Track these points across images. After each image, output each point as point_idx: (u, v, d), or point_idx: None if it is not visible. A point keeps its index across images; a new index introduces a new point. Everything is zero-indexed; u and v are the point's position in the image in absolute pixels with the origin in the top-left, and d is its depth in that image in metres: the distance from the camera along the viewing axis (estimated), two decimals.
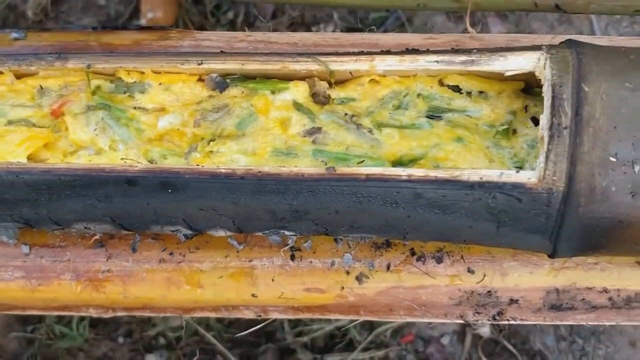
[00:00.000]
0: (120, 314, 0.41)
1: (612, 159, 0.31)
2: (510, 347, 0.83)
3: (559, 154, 0.31)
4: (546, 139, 0.31)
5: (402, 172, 0.33)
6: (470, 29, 0.39)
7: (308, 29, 0.89)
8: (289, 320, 0.85)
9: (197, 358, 0.83)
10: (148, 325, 0.86)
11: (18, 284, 0.40)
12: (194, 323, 0.84)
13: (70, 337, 0.84)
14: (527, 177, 0.31)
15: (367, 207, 0.33)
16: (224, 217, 0.35)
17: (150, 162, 0.37)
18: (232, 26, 0.89)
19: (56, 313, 0.42)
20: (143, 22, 0.88)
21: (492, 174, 0.32)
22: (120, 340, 0.85)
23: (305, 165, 0.36)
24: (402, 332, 0.85)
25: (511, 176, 0.32)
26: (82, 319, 0.84)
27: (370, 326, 0.86)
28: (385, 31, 0.86)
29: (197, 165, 0.35)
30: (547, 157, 0.31)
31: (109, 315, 0.41)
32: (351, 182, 0.33)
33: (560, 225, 0.32)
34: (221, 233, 0.37)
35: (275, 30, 0.89)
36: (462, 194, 0.32)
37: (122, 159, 0.36)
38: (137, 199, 0.35)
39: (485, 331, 0.85)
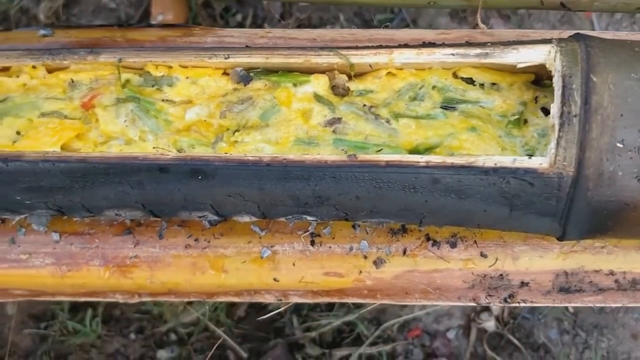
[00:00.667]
0: (145, 299, 0.43)
1: (619, 145, 0.32)
2: (514, 340, 0.85)
3: (569, 141, 0.33)
4: (557, 127, 0.33)
5: (420, 158, 0.34)
6: (481, 24, 0.41)
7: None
8: (298, 316, 0.87)
9: (210, 354, 0.84)
10: (159, 321, 0.87)
11: (48, 270, 0.42)
12: (204, 319, 0.85)
13: (83, 333, 0.85)
14: (539, 162, 0.33)
15: (387, 193, 0.35)
16: (250, 202, 0.37)
17: (179, 151, 0.39)
18: (240, 28, 0.91)
19: (83, 299, 0.44)
20: (154, 24, 0.90)
21: (505, 160, 0.34)
22: (132, 336, 0.87)
23: (327, 154, 0.37)
24: (408, 327, 0.87)
25: (524, 162, 0.33)
26: (94, 315, 0.86)
27: (377, 321, 0.87)
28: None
29: (226, 153, 0.36)
30: (557, 144, 0.33)
31: (134, 300, 0.43)
32: (371, 169, 0.34)
33: (569, 208, 0.33)
34: (246, 219, 0.39)
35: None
36: (477, 179, 0.34)
37: (154, 147, 0.38)
38: (168, 186, 0.36)
39: (490, 325, 0.87)
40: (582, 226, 0.34)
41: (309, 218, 0.38)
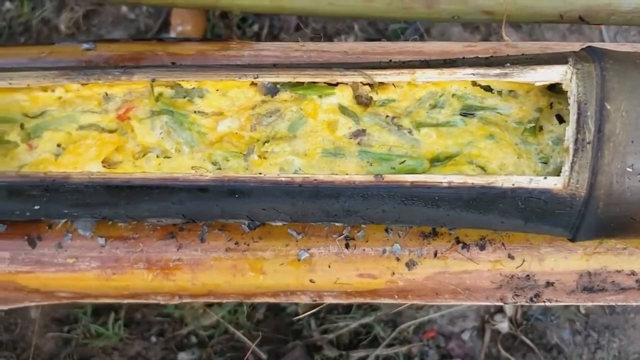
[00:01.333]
0: (186, 300, 0.44)
1: (628, 169, 0.35)
2: (528, 341, 0.87)
3: (582, 166, 0.35)
4: (571, 152, 0.35)
5: (442, 179, 0.36)
6: (505, 37, 0.43)
7: (330, 40, 0.93)
8: (315, 318, 0.89)
9: (229, 355, 0.86)
10: (180, 324, 0.89)
11: (94, 274, 0.44)
12: (224, 322, 0.87)
13: (105, 336, 0.87)
14: (554, 183, 0.35)
15: (411, 208, 0.37)
16: (283, 214, 0.39)
17: (214, 164, 0.40)
18: (257, 38, 0.93)
19: (126, 301, 0.45)
20: (173, 35, 0.92)
21: (522, 180, 0.36)
22: (153, 339, 0.89)
23: (352, 166, 0.40)
24: (424, 329, 0.89)
25: (540, 182, 0.36)
26: (116, 319, 0.88)
27: (393, 323, 0.89)
28: (405, 41, 0.90)
29: (260, 173, 0.38)
30: (571, 168, 0.35)
31: (175, 301, 0.45)
32: (397, 189, 0.37)
33: (580, 222, 0.36)
34: (279, 223, 0.41)
35: (297, 42, 0.93)
36: (495, 197, 0.36)
37: (192, 167, 0.40)
38: (207, 202, 0.38)
39: (503, 326, 0.89)
40: (591, 234, 0.37)
41: (337, 224, 0.40)
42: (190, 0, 0.48)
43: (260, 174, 0.38)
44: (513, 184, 0.36)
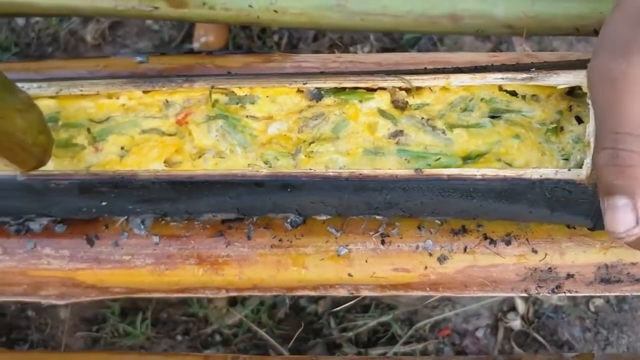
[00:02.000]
0: (232, 294, 0.48)
1: None
2: (540, 338, 0.90)
3: None
4: (592, 144, 0.39)
5: (477, 172, 0.40)
6: (526, 48, 0.47)
7: (346, 50, 0.97)
8: (335, 317, 0.92)
9: (252, 353, 0.90)
10: (204, 323, 0.93)
11: (148, 270, 0.47)
12: (247, 321, 0.91)
13: (133, 335, 0.90)
14: (577, 174, 0.39)
15: (447, 199, 0.41)
16: (330, 207, 0.43)
17: (265, 162, 0.44)
18: (277, 48, 0.97)
19: (175, 295, 0.49)
20: (196, 45, 0.96)
21: (549, 172, 0.39)
22: (179, 337, 0.92)
23: (392, 163, 0.43)
24: (439, 327, 0.92)
25: (564, 174, 0.39)
26: (144, 318, 0.91)
27: (410, 322, 0.93)
28: (419, 50, 0.94)
29: (311, 169, 0.42)
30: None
31: (221, 295, 0.48)
32: (435, 181, 0.40)
33: (600, 209, 0.39)
34: (323, 217, 0.45)
35: (316, 51, 0.98)
36: (525, 188, 0.40)
37: (249, 165, 0.44)
38: (262, 196, 0.42)
39: (516, 324, 0.92)
40: None
41: (377, 217, 0.44)
42: (232, 17, 0.52)
43: (310, 169, 0.42)
44: (540, 176, 0.39)
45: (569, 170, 0.40)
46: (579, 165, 0.40)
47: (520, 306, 0.95)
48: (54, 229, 0.48)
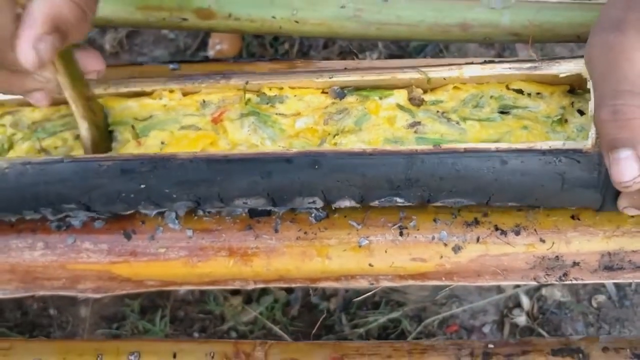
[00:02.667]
0: (259, 285, 0.51)
1: None
2: (544, 333, 0.93)
3: None
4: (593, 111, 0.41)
5: (491, 145, 0.44)
6: (532, 53, 0.50)
7: (356, 57, 1.01)
8: (346, 314, 0.96)
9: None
10: (220, 320, 0.96)
11: (181, 262, 0.51)
12: (262, 318, 0.94)
13: (152, 332, 0.94)
14: (583, 144, 0.43)
15: (464, 174, 0.44)
16: (354, 187, 0.45)
17: None
18: (288, 55, 1.01)
19: (205, 287, 0.52)
20: (211, 53, 1.00)
21: (557, 144, 0.43)
22: (196, 334, 0.95)
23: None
24: (447, 323, 0.96)
25: (572, 144, 0.43)
26: (162, 316, 0.94)
27: (418, 318, 0.96)
28: (425, 57, 0.98)
29: (337, 147, 0.46)
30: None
31: (249, 287, 0.51)
32: (453, 154, 0.43)
33: (607, 179, 0.41)
34: (347, 203, 0.47)
35: (326, 58, 1.01)
36: (536, 160, 0.43)
37: (280, 146, 0.48)
38: (291, 174, 0.45)
39: (521, 320, 0.95)
40: (617, 194, 0.43)
41: (398, 200, 0.46)
42: (256, 27, 0.56)
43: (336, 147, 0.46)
44: (550, 147, 0.43)
45: (575, 140, 0.43)
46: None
47: (525, 302, 0.98)
48: (93, 225, 0.52)
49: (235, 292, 0.95)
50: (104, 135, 0.51)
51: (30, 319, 0.95)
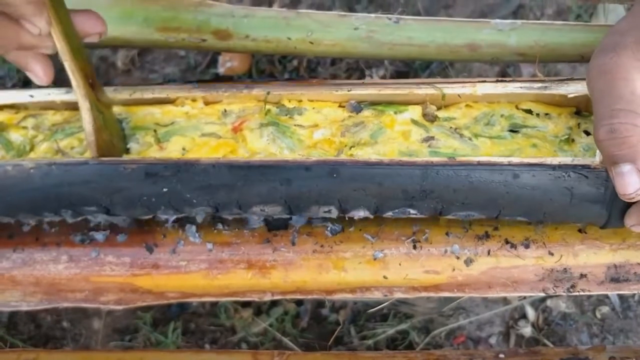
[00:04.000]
0: (276, 297, 0.53)
1: None
2: (549, 344, 0.95)
3: None
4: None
5: (504, 159, 0.45)
6: (539, 74, 0.53)
7: (362, 73, 1.03)
8: (355, 325, 0.97)
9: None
10: (231, 332, 0.97)
11: (201, 274, 0.53)
12: (272, 329, 0.95)
13: (164, 344, 0.95)
14: (591, 160, 0.44)
15: (477, 186, 0.45)
16: (370, 196, 0.46)
17: None
18: (297, 72, 1.03)
19: (224, 299, 0.54)
20: (221, 70, 1.02)
21: (566, 160, 0.45)
22: (207, 346, 0.97)
23: None
24: (454, 334, 0.97)
25: (580, 160, 0.45)
26: (174, 328, 0.96)
27: (426, 330, 0.97)
28: (430, 74, 1.00)
29: (354, 157, 0.48)
30: None
31: (267, 298, 0.53)
32: (467, 167, 0.45)
33: (614, 195, 0.43)
34: (361, 213, 0.48)
35: (333, 74, 1.04)
36: (546, 174, 0.45)
37: (299, 155, 0.50)
38: (309, 182, 0.46)
39: (527, 331, 0.97)
40: (622, 211, 0.45)
41: (411, 212, 0.47)
42: (272, 48, 0.58)
43: (354, 157, 0.47)
44: (559, 162, 0.45)
45: (584, 157, 0.46)
46: None
47: (531, 314, 0.99)
48: (116, 239, 0.54)
49: (245, 304, 0.97)
50: (114, 132, 0.52)
51: (43, 332, 0.96)
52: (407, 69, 1.02)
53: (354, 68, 1.04)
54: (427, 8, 1.05)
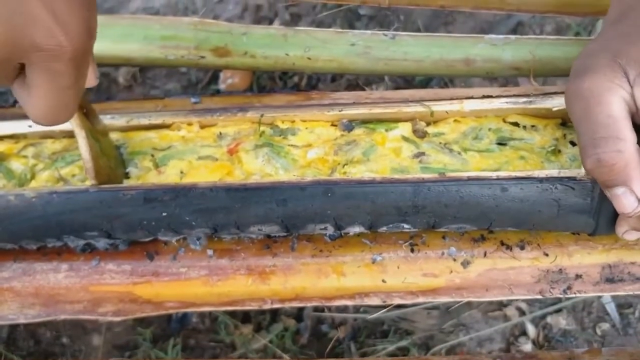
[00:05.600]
0: (276, 305, 0.53)
1: None
2: None
3: None
4: None
5: (492, 174, 0.47)
6: (534, 83, 0.54)
7: (363, 88, 1.04)
8: (355, 342, 0.97)
9: None
10: (231, 349, 0.97)
11: (201, 281, 0.53)
12: (272, 346, 0.95)
13: None
14: (577, 172, 0.45)
15: (468, 200, 0.46)
16: (364, 213, 0.48)
17: None
18: (297, 88, 1.05)
19: (223, 309, 0.54)
20: (222, 86, 1.04)
21: (553, 172, 0.46)
22: None
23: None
24: (454, 351, 0.97)
25: (567, 172, 0.46)
26: (174, 344, 0.96)
27: (426, 346, 0.97)
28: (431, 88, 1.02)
29: (347, 176, 0.49)
30: None
31: (266, 306, 0.53)
32: (457, 182, 0.46)
33: (600, 205, 0.45)
34: (356, 229, 0.49)
35: (334, 90, 1.05)
36: (534, 187, 0.46)
37: (293, 175, 0.50)
38: (304, 202, 0.47)
39: (527, 348, 0.97)
40: (609, 220, 0.46)
41: (405, 226, 0.49)
42: (270, 64, 0.59)
43: (347, 176, 0.48)
44: (546, 175, 0.46)
45: (570, 168, 0.47)
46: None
47: (531, 330, 0.99)
48: (117, 247, 0.54)
49: (245, 321, 0.97)
50: (112, 158, 0.53)
51: (43, 348, 0.96)
52: (407, 85, 1.04)
53: (354, 84, 1.06)
54: (427, 25, 1.07)
